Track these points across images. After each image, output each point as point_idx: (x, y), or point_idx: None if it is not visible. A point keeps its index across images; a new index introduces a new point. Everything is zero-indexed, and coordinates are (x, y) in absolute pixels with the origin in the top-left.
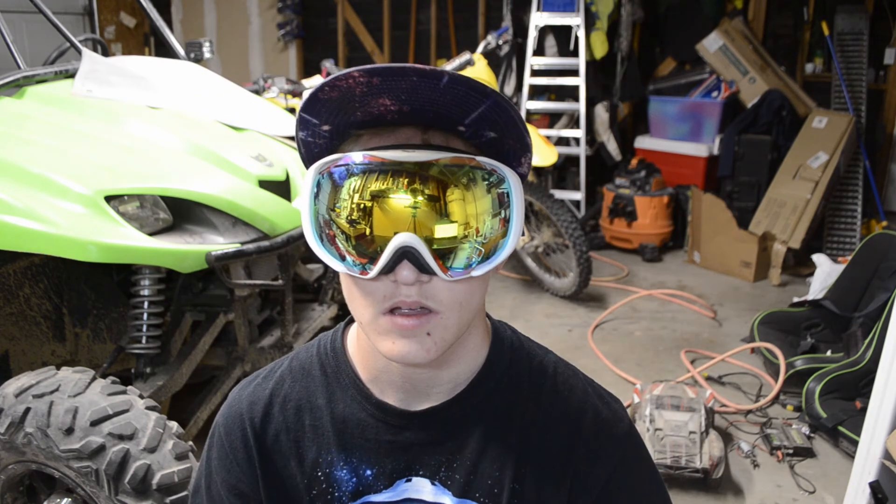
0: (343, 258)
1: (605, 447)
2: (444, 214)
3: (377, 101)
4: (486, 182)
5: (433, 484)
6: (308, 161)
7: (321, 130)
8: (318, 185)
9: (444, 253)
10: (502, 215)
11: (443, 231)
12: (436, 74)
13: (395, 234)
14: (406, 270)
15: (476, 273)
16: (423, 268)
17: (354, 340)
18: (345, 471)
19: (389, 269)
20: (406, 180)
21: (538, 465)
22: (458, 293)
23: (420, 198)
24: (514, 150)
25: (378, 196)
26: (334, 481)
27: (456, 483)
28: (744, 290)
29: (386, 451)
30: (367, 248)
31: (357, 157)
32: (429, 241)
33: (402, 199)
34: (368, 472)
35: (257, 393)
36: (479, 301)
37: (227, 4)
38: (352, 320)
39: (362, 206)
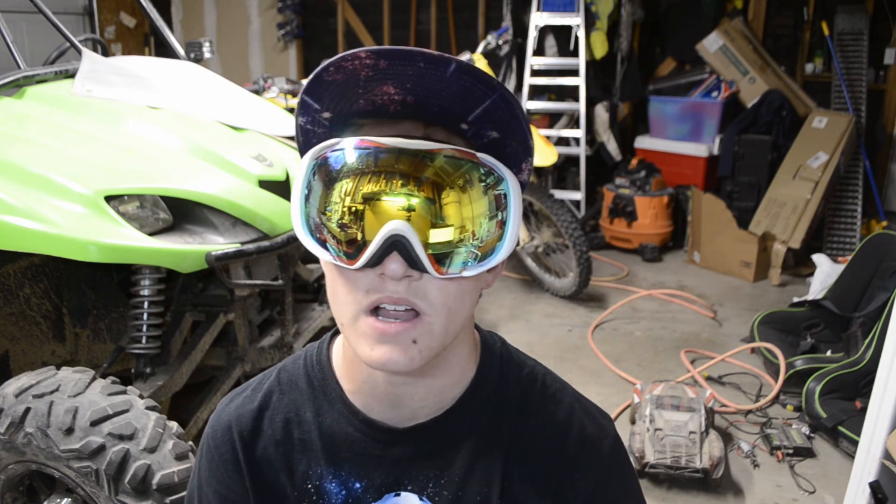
0: (327, 246)
1: (588, 463)
2: (439, 212)
3: (381, 89)
4: (484, 183)
5: (421, 499)
6: (304, 150)
7: (321, 118)
8: (313, 172)
9: (437, 253)
10: (499, 218)
11: (437, 229)
12: (444, 61)
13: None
14: (395, 263)
15: (468, 273)
16: (412, 262)
17: (339, 350)
18: (334, 483)
19: (378, 258)
20: (403, 171)
21: (523, 481)
22: (449, 295)
23: (416, 192)
24: (516, 154)
25: (373, 185)
26: (324, 493)
27: (444, 499)
28: (744, 290)
29: (374, 465)
30: (355, 236)
31: (354, 141)
32: (422, 236)
33: (397, 193)
34: (357, 485)
35: (245, 406)
36: (469, 310)
37: (227, 4)
38: (338, 331)
39: (355, 195)
